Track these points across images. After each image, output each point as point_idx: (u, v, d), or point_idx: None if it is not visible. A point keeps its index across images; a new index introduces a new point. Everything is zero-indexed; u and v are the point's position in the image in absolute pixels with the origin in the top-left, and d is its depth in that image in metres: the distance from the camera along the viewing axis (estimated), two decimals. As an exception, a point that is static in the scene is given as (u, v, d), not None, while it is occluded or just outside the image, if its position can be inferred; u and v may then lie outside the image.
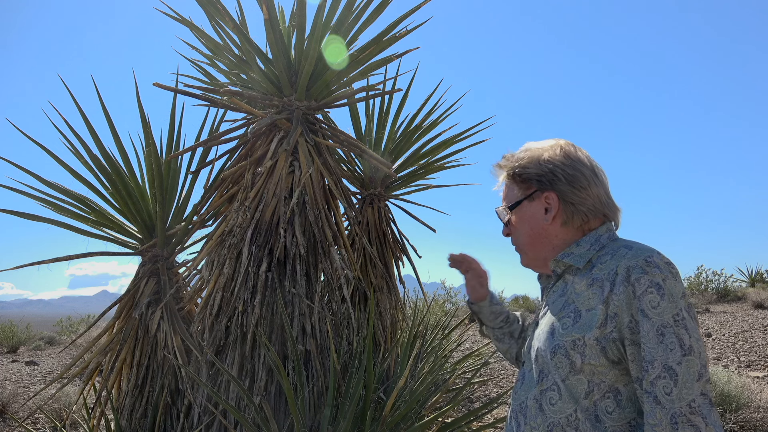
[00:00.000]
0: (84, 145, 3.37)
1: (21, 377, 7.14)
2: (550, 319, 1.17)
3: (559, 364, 1.09)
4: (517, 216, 1.27)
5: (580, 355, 1.06)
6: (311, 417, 2.78)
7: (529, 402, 1.14)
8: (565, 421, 1.07)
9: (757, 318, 8.67)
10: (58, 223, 3.36)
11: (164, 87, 3.00)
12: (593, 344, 1.05)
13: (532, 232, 1.25)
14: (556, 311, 1.17)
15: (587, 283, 1.12)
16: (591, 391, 1.06)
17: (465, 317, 6.97)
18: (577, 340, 1.07)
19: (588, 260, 1.16)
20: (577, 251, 1.19)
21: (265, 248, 3.00)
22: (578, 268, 1.17)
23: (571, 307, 1.13)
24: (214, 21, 3.28)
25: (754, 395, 4.14)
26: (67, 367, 3.49)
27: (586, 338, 1.06)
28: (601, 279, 1.10)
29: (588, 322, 1.07)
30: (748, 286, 14.38)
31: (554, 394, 1.10)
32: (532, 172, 1.23)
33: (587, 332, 1.06)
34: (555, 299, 1.20)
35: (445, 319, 5.34)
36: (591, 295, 1.09)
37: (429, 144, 4.23)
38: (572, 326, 1.09)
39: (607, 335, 1.04)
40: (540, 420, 1.11)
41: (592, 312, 1.07)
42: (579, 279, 1.16)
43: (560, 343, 1.09)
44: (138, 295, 3.36)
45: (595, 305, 1.07)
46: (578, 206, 1.20)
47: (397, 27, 3.19)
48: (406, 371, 2.65)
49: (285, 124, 3.18)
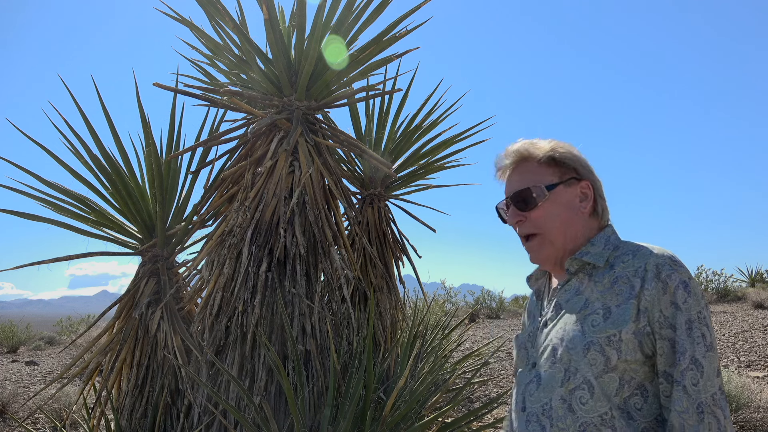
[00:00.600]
0: (84, 145, 3.37)
1: (21, 377, 7.14)
2: (571, 318, 1.15)
3: (592, 361, 1.08)
4: (552, 199, 1.22)
5: (615, 351, 1.07)
6: (311, 417, 2.78)
7: (555, 403, 1.11)
8: (599, 420, 1.06)
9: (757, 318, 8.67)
10: (58, 223, 3.36)
11: (164, 87, 3.00)
12: (630, 338, 1.07)
13: (566, 217, 1.22)
14: (576, 309, 1.15)
15: (610, 281, 1.14)
16: (621, 389, 1.07)
17: (465, 317, 6.97)
18: (612, 335, 1.07)
19: (606, 259, 1.18)
20: (593, 250, 1.20)
21: (265, 248, 3.00)
22: (594, 267, 1.18)
23: (597, 304, 1.12)
24: (214, 21, 3.28)
25: (754, 395, 4.14)
26: (67, 367, 3.49)
27: (622, 333, 1.07)
28: (626, 276, 1.12)
29: (620, 317, 1.08)
30: (748, 286, 14.38)
31: (584, 393, 1.08)
32: (571, 158, 1.25)
33: (623, 327, 1.07)
34: (569, 298, 1.19)
35: (445, 319, 5.34)
36: (618, 291, 1.11)
37: (429, 144, 4.23)
38: (604, 323, 1.09)
39: (641, 329, 1.07)
40: (570, 420, 1.08)
41: (623, 307, 1.09)
42: (598, 278, 1.16)
43: (594, 340, 1.08)
44: (138, 295, 3.36)
45: (625, 300, 1.09)
46: (604, 202, 1.26)
47: (397, 27, 3.19)
48: (406, 371, 2.65)
49: (285, 124, 3.18)
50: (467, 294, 14.23)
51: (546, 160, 1.24)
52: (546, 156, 1.24)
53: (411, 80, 4.31)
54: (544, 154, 1.25)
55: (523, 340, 1.30)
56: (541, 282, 1.37)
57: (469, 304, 13.81)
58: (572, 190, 1.23)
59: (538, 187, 1.23)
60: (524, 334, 1.31)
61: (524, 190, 1.23)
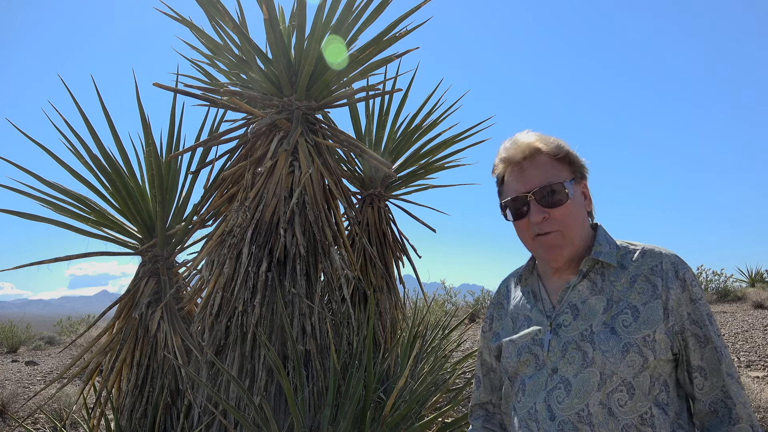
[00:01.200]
0: (84, 145, 3.37)
1: (21, 377, 7.14)
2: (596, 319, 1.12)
3: (631, 362, 1.06)
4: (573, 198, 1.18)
5: (651, 351, 1.07)
6: (311, 417, 2.78)
7: (594, 408, 1.06)
8: (638, 420, 1.05)
9: (757, 318, 8.67)
10: (58, 223, 3.36)
11: (164, 87, 3.00)
12: (663, 338, 1.08)
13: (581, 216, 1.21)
14: (600, 310, 1.12)
15: (627, 280, 1.14)
16: (653, 386, 1.08)
17: (465, 317, 6.97)
18: (647, 336, 1.08)
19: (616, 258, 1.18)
20: (604, 249, 1.19)
21: (265, 248, 3.00)
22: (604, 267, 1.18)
23: (622, 304, 1.12)
24: (214, 21, 3.28)
25: (754, 395, 4.14)
26: (67, 367, 3.49)
27: (656, 333, 1.08)
28: (644, 275, 1.13)
29: (651, 317, 1.09)
30: (748, 286, 14.38)
31: (622, 395, 1.06)
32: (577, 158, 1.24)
33: (656, 326, 1.08)
34: (586, 298, 1.15)
35: (445, 319, 5.34)
36: (640, 290, 1.12)
37: (429, 144, 4.23)
38: (635, 322, 1.09)
39: (671, 328, 1.09)
40: (612, 425, 1.05)
41: (650, 306, 1.10)
42: (614, 277, 1.16)
43: (631, 341, 1.07)
44: (138, 295, 3.36)
45: (650, 299, 1.10)
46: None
47: (397, 27, 3.19)
48: (406, 371, 2.65)
49: (285, 124, 3.18)
50: (467, 294, 14.23)
51: (562, 156, 1.20)
52: (563, 152, 1.20)
53: (411, 80, 4.31)
54: (560, 150, 1.20)
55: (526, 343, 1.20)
56: (531, 281, 1.30)
57: (469, 304, 13.81)
58: (579, 189, 1.22)
59: (568, 183, 1.17)
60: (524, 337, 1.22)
61: (555, 185, 1.16)
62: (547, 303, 1.23)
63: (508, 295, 1.36)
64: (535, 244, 1.20)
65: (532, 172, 1.19)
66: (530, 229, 1.19)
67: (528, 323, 1.24)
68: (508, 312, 1.33)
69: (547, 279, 1.27)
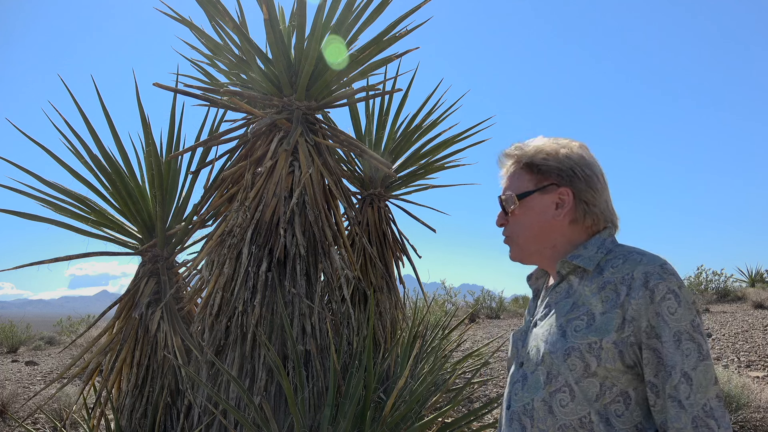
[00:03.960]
0: (84, 145, 3.37)
1: (21, 377, 7.14)
2: (557, 321, 1.15)
3: (572, 366, 1.08)
4: (524, 207, 1.23)
5: (595, 358, 1.06)
6: (311, 417, 2.78)
7: (537, 404, 1.12)
8: (577, 422, 1.07)
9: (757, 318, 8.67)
10: (58, 223, 3.36)
11: (164, 87, 3.00)
12: (611, 348, 1.05)
13: (537, 225, 1.22)
14: (563, 313, 1.15)
15: (598, 286, 1.12)
16: (603, 394, 1.07)
17: (465, 317, 6.97)
18: (593, 343, 1.07)
19: (597, 263, 1.16)
20: (585, 253, 1.18)
21: (265, 248, 3.00)
22: (585, 271, 1.17)
23: (582, 309, 1.12)
24: (214, 21, 3.28)
25: (754, 395, 4.14)
26: (67, 367, 3.49)
27: (603, 342, 1.06)
28: (614, 283, 1.10)
29: (604, 325, 1.07)
30: (748, 286, 14.38)
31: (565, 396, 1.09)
32: (552, 165, 1.22)
33: (605, 336, 1.06)
34: (559, 300, 1.19)
35: (445, 319, 5.34)
36: (604, 298, 1.10)
37: (429, 144, 4.23)
38: (586, 329, 1.09)
39: (624, 339, 1.05)
40: (550, 422, 1.09)
41: (607, 315, 1.07)
42: (588, 282, 1.15)
43: (575, 345, 1.08)
44: (138, 295, 3.36)
45: (610, 309, 1.08)
46: (591, 207, 1.21)
47: (397, 27, 3.19)
48: (406, 371, 2.65)
49: (285, 124, 3.18)
50: (467, 294, 14.23)
51: (526, 165, 1.24)
52: (526, 161, 1.24)
53: (411, 80, 4.31)
54: (525, 159, 1.24)
55: (516, 337, 1.30)
56: (541, 282, 1.36)
57: (469, 304, 13.81)
58: (549, 197, 1.21)
59: (510, 196, 1.25)
60: (519, 332, 1.31)
61: (499, 198, 1.29)
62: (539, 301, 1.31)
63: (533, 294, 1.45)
64: None
65: (504, 182, 1.31)
66: None
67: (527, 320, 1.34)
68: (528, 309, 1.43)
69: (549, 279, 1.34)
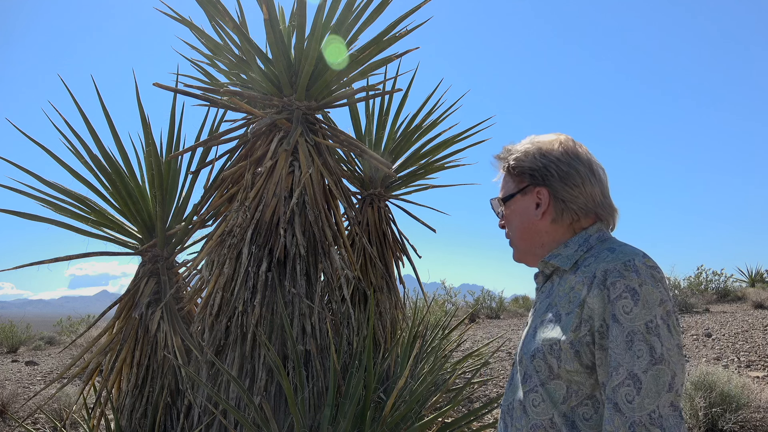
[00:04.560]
0: (84, 145, 3.37)
1: (21, 377, 7.14)
2: (534, 322, 1.17)
3: (538, 367, 1.09)
4: (510, 209, 1.26)
5: (556, 359, 1.05)
6: (311, 417, 2.78)
7: (515, 404, 1.15)
8: (548, 423, 1.07)
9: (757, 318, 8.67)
10: (58, 223, 3.36)
11: (164, 87, 3.00)
12: (567, 348, 1.04)
13: (522, 227, 1.24)
14: (540, 313, 1.16)
15: (570, 286, 1.11)
16: (569, 397, 1.06)
17: (465, 317, 6.97)
18: (554, 343, 1.06)
19: (575, 262, 1.14)
20: (564, 252, 1.17)
21: (265, 248, 3.00)
22: (564, 270, 1.15)
23: (554, 309, 1.11)
24: (214, 21, 3.28)
25: (754, 395, 4.14)
26: (67, 367, 3.49)
27: (561, 342, 1.04)
28: (582, 281, 1.08)
29: (565, 325, 1.06)
30: (748, 286, 14.38)
31: (537, 396, 1.09)
32: (525, 166, 1.21)
33: (563, 335, 1.05)
34: (542, 300, 1.20)
35: (445, 319, 5.34)
36: (572, 298, 1.08)
37: (429, 144, 4.23)
38: (551, 330, 1.08)
39: (580, 339, 1.03)
40: (524, 422, 1.10)
41: (570, 315, 1.06)
42: (563, 281, 1.14)
43: (539, 347, 1.09)
44: (138, 295, 3.36)
45: (573, 309, 1.06)
46: (569, 204, 1.17)
47: (397, 27, 3.19)
48: (406, 371, 2.65)
49: (285, 124, 3.18)
50: (467, 294, 14.23)
51: (507, 169, 1.27)
52: (507, 165, 1.27)
53: (411, 80, 4.31)
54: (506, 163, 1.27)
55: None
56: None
57: (469, 304, 13.81)
58: (530, 198, 1.21)
59: (496, 200, 1.30)
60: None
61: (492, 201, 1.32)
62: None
63: None
64: None
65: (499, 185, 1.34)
66: None
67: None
68: None
69: None
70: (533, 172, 1.20)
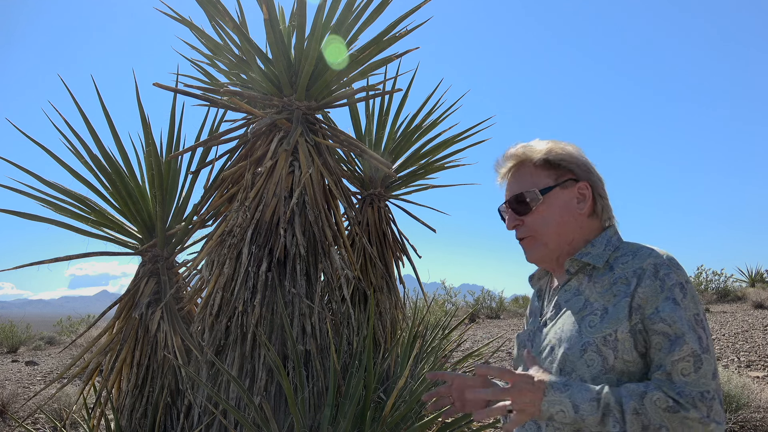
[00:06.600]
0: (84, 145, 3.37)
1: (21, 377, 7.14)
2: (570, 318, 1.16)
3: (589, 361, 1.08)
4: (546, 203, 1.23)
5: (612, 350, 1.07)
6: (311, 417, 2.78)
7: None
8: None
9: (757, 318, 8.67)
10: (58, 223, 3.36)
11: (164, 87, 3.00)
12: (626, 337, 1.07)
13: (562, 221, 1.22)
14: (576, 310, 1.16)
15: (609, 282, 1.14)
16: None
17: (465, 317, 6.97)
18: (608, 335, 1.07)
19: (606, 260, 1.18)
20: (594, 251, 1.20)
21: (265, 248, 3.00)
22: (594, 268, 1.19)
23: (595, 305, 1.13)
24: (214, 21, 3.28)
25: (754, 395, 4.14)
26: (67, 367, 3.49)
27: (618, 332, 1.07)
28: (625, 277, 1.12)
29: (616, 316, 1.08)
30: (748, 286, 14.38)
31: None
32: (569, 160, 1.24)
33: (618, 326, 1.07)
34: (569, 298, 1.20)
35: (445, 319, 5.34)
36: (616, 292, 1.11)
37: (429, 144, 4.23)
38: (600, 323, 1.10)
39: (634, 327, 1.07)
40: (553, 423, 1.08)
41: (618, 306, 1.09)
42: (598, 278, 1.17)
43: (590, 340, 1.09)
44: (138, 295, 3.36)
45: (620, 300, 1.09)
46: (606, 200, 1.25)
47: (397, 27, 3.19)
48: (406, 371, 2.65)
49: (285, 124, 3.18)
50: (467, 294, 14.24)
51: (541, 162, 1.25)
52: (541, 159, 1.25)
53: (411, 80, 4.31)
54: (540, 156, 1.25)
55: (523, 338, 1.30)
56: (543, 282, 1.37)
57: (469, 304, 13.81)
58: (569, 192, 1.23)
59: (532, 192, 1.24)
60: (525, 333, 1.31)
61: (519, 195, 1.25)
62: (544, 301, 1.31)
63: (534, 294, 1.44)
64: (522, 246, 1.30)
65: (511, 182, 1.30)
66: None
67: (533, 319, 1.33)
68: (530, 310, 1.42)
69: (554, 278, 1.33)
70: (577, 167, 1.24)
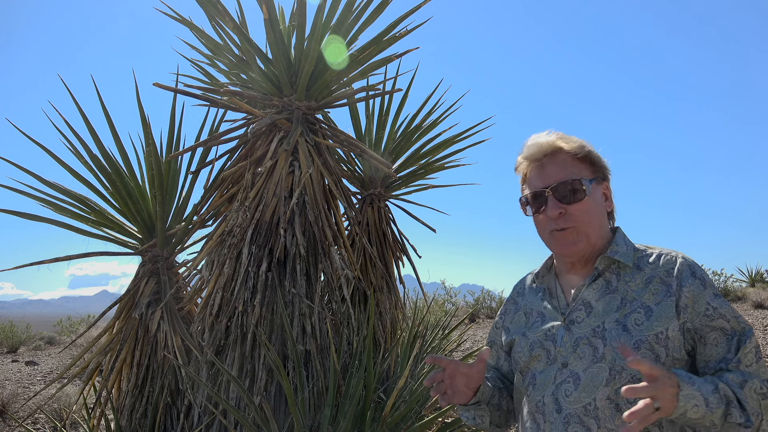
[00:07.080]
0: (84, 145, 3.37)
1: (21, 377, 7.14)
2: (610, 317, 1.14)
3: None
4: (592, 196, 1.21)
5: (664, 348, 1.08)
6: (311, 417, 2.78)
7: (600, 403, 1.09)
8: None
9: (757, 318, 8.66)
10: (58, 223, 3.36)
11: (164, 87, 3.00)
12: (677, 335, 1.09)
13: (599, 214, 1.24)
14: (614, 308, 1.15)
15: (643, 281, 1.16)
16: None
17: (465, 317, 6.97)
18: (659, 333, 1.09)
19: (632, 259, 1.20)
20: (620, 250, 1.21)
21: (265, 248, 3.00)
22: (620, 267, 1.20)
23: (635, 303, 1.14)
24: (214, 21, 3.28)
25: (754, 395, 4.14)
26: (67, 367, 3.49)
27: (669, 330, 1.09)
28: (659, 277, 1.15)
29: (663, 314, 1.10)
30: (748, 286, 14.38)
31: None
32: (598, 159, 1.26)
33: (669, 324, 1.09)
34: (600, 296, 1.18)
35: (445, 319, 5.34)
36: (654, 291, 1.14)
37: (429, 144, 4.23)
38: (647, 321, 1.11)
39: (682, 325, 1.10)
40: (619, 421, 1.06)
41: (663, 305, 1.11)
42: (628, 277, 1.18)
43: (643, 338, 1.09)
44: (138, 295, 3.36)
45: (663, 299, 1.12)
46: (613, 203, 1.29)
47: (397, 27, 3.19)
48: (406, 371, 2.65)
49: (285, 124, 3.18)
50: (467, 294, 14.22)
51: (583, 155, 1.23)
52: (584, 152, 1.23)
53: (411, 80, 4.31)
54: (581, 149, 1.23)
55: (538, 339, 1.23)
56: (548, 279, 1.33)
57: (469, 304, 13.81)
58: (600, 188, 1.25)
59: (586, 181, 1.20)
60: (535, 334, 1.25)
61: (573, 182, 1.19)
62: (561, 300, 1.26)
63: (522, 292, 1.39)
64: (552, 239, 1.24)
65: (552, 168, 1.22)
66: (548, 225, 1.23)
67: (541, 319, 1.27)
68: (521, 307, 1.36)
69: (563, 277, 1.30)
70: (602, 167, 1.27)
